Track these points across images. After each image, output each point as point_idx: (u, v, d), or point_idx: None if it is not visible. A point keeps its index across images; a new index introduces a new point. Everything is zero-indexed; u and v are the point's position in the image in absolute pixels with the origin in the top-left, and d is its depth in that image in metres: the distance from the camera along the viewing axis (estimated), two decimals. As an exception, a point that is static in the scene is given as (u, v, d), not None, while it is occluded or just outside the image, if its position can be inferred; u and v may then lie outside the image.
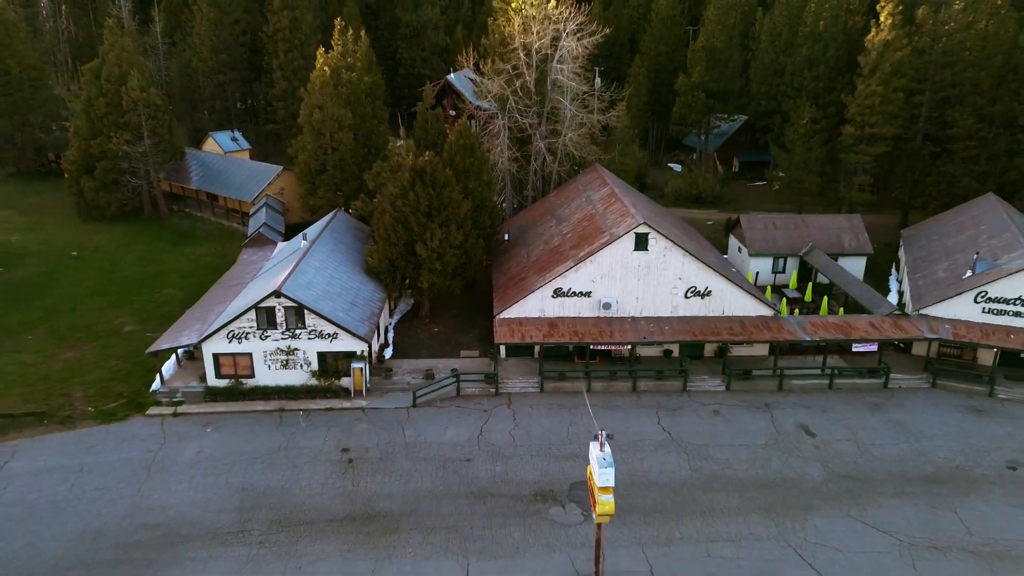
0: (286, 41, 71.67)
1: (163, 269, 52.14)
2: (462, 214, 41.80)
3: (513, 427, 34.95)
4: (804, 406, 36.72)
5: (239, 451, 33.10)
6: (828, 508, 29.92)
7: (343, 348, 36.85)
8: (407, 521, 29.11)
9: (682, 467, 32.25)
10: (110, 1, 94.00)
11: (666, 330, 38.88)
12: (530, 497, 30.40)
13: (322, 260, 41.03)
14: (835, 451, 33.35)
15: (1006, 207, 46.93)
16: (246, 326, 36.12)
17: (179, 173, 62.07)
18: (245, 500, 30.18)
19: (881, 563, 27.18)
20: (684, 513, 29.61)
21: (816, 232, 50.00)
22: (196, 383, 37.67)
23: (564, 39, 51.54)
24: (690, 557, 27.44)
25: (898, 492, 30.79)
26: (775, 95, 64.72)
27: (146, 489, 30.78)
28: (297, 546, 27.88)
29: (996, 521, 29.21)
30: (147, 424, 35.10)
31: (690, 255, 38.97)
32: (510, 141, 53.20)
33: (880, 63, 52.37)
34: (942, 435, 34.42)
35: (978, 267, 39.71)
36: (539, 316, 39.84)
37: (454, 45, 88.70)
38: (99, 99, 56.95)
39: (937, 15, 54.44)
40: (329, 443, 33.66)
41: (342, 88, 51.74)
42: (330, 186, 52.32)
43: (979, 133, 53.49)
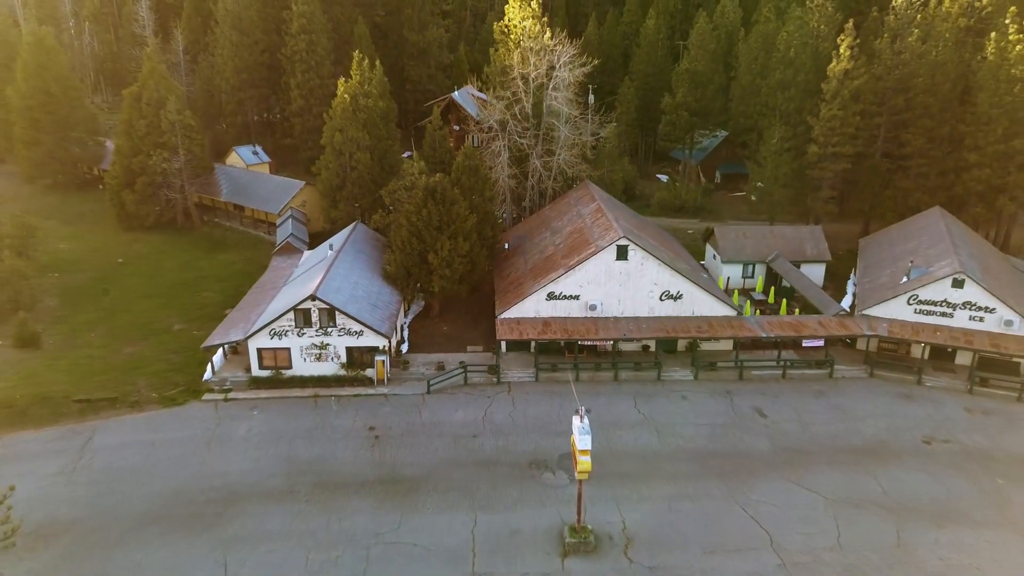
0: (303, 62, 78.50)
1: (201, 274, 58.99)
2: (468, 227, 48.61)
3: (512, 410, 41.76)
4: (760, 392, 43.54)
5: (282, 429, 39.93)
6: (771, 474, 36.71)
7: (367, 343, 43.67)
8: (425, 484, 35.89)
9: (653, 442, 39.06)
10: (133, 20, 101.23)
11: (643, 328, 45.72)
12: (526, 465, 37.20)
13: (347, 268, 47.83)
14: (782, 429, 40.17)
15: (948, 220, 53.75)
16: (286, 325, 42.95)
17: (209, 186, 68.88)
18: (291, 467, 36.99)
19: (808, 515, 33.95)
20: (652, 477, 36.38)
21: (781, 241, 56.82)
22: (241, 373, 44.49)
23: (558, 69, 58.40)
24: (655, 511, 34.19)
25: (830, 461, 37.58)
26: (752, 114, 71.45)
27: (209, 459, 37.60)
28: (336, 503, 34.66)
29: (907, 484, 35.98)
30: (203, 407, 41.96)
31: (664, 264, 45.79)
32: (509, 159, 60.01)
33: (840, 90, 59.18)
34: (873, 416, 41.24)
35: (913, 273, 46.53)
36: (535, 316, 46.66)
37: (457, 62, 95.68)
38: (140, 121, 63.80)
39: (893, 45, 61.22)
40: (358, 423, 40.49)
41: (360, 113, 58.55)
42: (349, 200, 59.15)
43: (929, 152, 60.31)
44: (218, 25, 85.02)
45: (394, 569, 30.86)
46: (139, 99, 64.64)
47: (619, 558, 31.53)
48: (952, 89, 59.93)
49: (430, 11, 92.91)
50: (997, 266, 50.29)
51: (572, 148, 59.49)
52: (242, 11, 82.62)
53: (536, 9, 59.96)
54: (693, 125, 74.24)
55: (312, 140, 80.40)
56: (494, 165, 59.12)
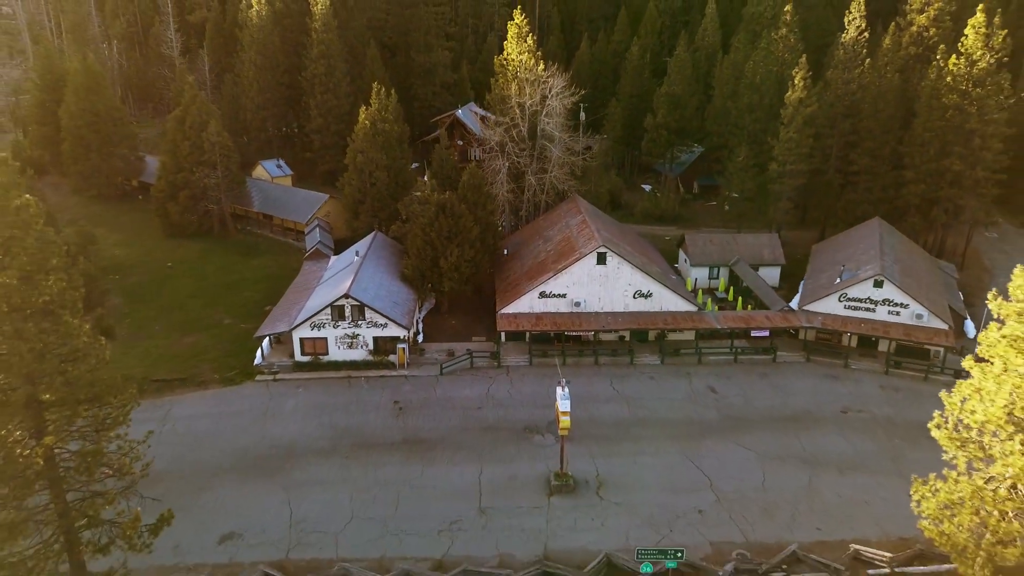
0: (322, 84, 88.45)
1: (240, 277, 68.90)
2: (473, 236, 58.53)
3: (510, 388, 51.70)
4: (714, 374, 53.47)
5: (323, 403, 49.86)
6: (716, 436, 46.63)
7: (390, 334, 53.59)
8: (441, 444, 45.81)
9: (623, 412, 49.00)
10: (162, 41, 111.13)
11: (619, 321, 55.68)
12: (521, 430, 47.13)
13: (372, 271, 57.74)
14: (728, 402, 50.11)
15: (884, 229, 63.66)
16: (323, 318, 52.86)
17: (243, 198, 78.70)
18: (333, 432, 46.92)
19: (742, 466, 43.87)
20: (621, 439, 46.29)
21: (743, 247, 66.77)
22: (286, 359, 54.39)
23: (550, 99, 68.34)
24: (623, 463, 44.08)
25: (764, 427, 47.51)
26: (724, 133, 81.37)
27: (266, 426, 47.52)
28: (371, 458, 44.57)
29: (823, 443, 45.92)
30: (257, 386, 51.91)
31: (636, 268, 55.73)
32: (508, 176, 69.91)
33: (795, 116, 69.04)
34: (804, 392, 51.20)
35: (844, 275, 56.48)
36: (529, 311, 56.57)
37: (460, 80, 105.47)
38: (184, 142, 73.70)
39: (843, 76, 71.13)
40: (384, 398, 50.43)
41: (378, 136, 68.42)
42: (369, 212, 69.01)
43: (874, 169, 70.17)
44: (243, 49, 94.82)
45: (419, 504, 40.79)
46: (183, 122, 74.45)
47: (592, 496, 41.47)
48: (893, 115, 69.73)
49: (435, 34, 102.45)
50: (920, 269, 60.22)
51: (563, 167, 69.37)
52: (266, 37, 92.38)
53: (531, 45, 69.85)
54: (672, 142, 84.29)
55: (330, 154, 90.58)
56: (494, 181, 68.97)
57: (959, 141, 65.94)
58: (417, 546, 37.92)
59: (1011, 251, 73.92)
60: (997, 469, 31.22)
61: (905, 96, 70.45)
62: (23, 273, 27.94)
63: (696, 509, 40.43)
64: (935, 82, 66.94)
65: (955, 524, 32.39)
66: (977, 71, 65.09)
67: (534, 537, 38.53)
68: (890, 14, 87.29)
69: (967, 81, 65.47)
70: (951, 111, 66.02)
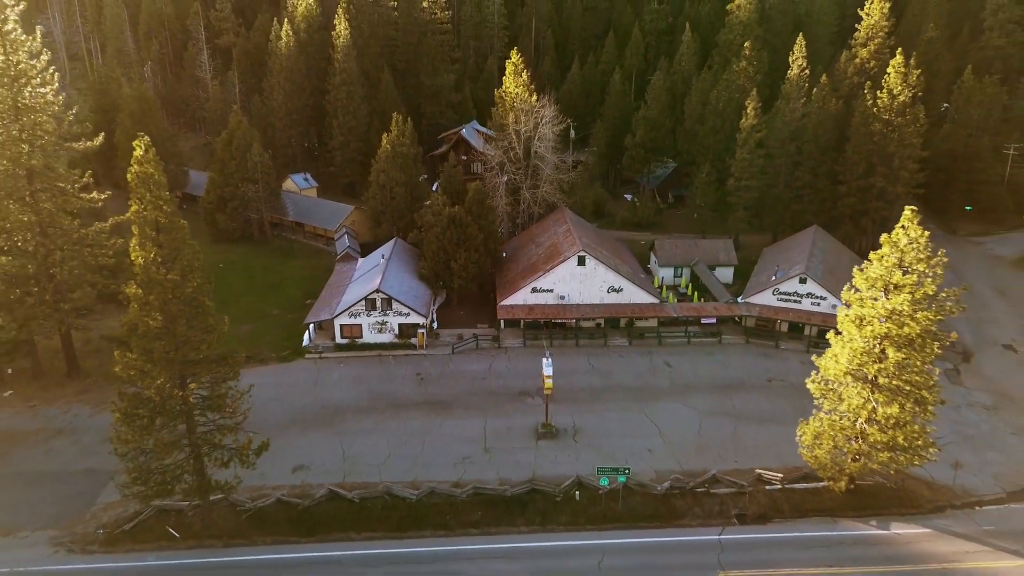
0: (343, 107, 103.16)
1: (281, 276, 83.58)
2: (477, 243, 73.14)
3: (508, 363, 66.38)
4: (670, 353, 68.15)
5: (361, 375, 64.54)
6: (667, 398, 61.28)
7: (412, 321, 68.24)
8: (454, 404, 60.44)
9: (596, 381, 63.67)
10: (196, 64, 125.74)
11: (596, 311, 70.39)
12: (516, 394, 61.80)
13: (395, 270, 72.41)
14: (680, 374, 64.80)
15: (818, 235, 78.19)
16: (358, 308, 67.52)
17: (279, 208, 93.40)
18: (371, 395, 61.58)
19: (686, 420, 58.47)
20: (594, 401, 60.93)
21: (703, 250, 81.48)
22: (328, 341, 69.06)
23: (541, 126, 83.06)
24: (594, 418, 58.65)
25: (706, 392, 62.13)
26: (692, 151, 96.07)
27: (318, 391, 62.17)
28: (401, 414, 59.21)
29: (749, 403, 60.56)
30: (307, 363, 66.58)
31: (610, 268, 70.39)
32: (506, 190, 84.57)
33: (748, 139, 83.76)
34: (740, 366, 65.89)
35: (778, 274, 71.19)
36: (524, 303, 71.21)
37: (463, 100, 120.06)
38: (231, 161, 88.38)
39: (788, 105, 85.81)
40: (408, 371, 65.10)
41: (397, 159, 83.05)
42: (390, 222, 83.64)
43: (814, 184, 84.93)
44: (271, 74, 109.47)
45: (439, 446, 55.38)
46: (229, 144, 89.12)
47: (569, 440, 56.14)
48: (830, 139, 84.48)
49: (441, 59, 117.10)
50: (844, 268, 74.62)
51: (552, 183, 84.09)
52: (293, 65, 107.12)
53: (525, 80, 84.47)
54: (648, 159, 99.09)
55: (350, 168, 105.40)
56: (495, 195, 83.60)
57: (882, 162, 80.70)
58: (439, 473, 52.51)
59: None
60: (843, 408, 46.00)
61: (839, 123, 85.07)
62: (181, 272, 42.67)
63: (647, 449, 55.09)
64: (864, 112, 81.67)
65: (820, 449, 47.14)
66: (897, 104, 79.83)
67: (525, 467, 53.16)
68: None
69: (889, 111, 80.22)
70: (876, 136, 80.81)
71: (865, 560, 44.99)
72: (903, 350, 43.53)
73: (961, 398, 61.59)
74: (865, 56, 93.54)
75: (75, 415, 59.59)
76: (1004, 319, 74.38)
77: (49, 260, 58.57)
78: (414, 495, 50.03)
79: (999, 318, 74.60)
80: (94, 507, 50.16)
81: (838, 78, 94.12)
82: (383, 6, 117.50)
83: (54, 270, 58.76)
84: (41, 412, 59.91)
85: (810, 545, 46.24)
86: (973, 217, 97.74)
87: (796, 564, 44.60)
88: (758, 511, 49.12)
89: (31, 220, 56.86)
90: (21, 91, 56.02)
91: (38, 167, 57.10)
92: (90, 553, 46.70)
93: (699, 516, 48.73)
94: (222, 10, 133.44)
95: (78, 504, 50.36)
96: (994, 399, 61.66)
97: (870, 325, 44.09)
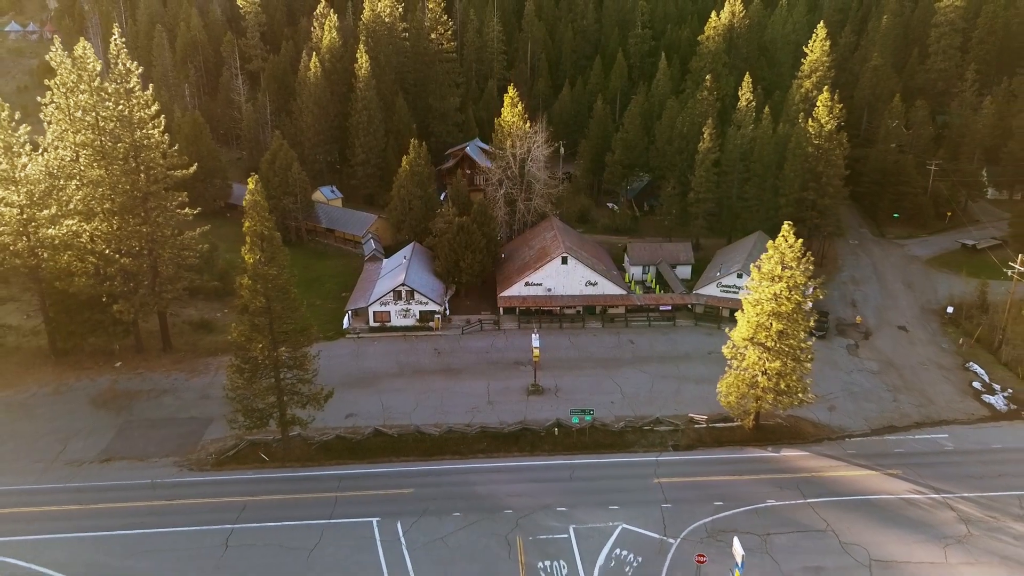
0: (364, 130, 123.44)
1: (318, 274, 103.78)
2: (481, 246, 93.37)
3: (506, 341, 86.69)
4: (634, 333, 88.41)
5: (392, 349, 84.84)
6: (628, 367, 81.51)
7: (430, 309, 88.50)
8: (464, 371, 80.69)
9: (574, 354, 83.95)
10: (231, 89, 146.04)
11: (576, 300, 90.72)
12: (512, 363, 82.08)
13: (416, 268, 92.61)
14: (640, 348, 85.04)
15: (761, 239, 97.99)
16: (388, 298, 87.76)
17: (312, 217, 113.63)
18: (399, 365, 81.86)
19: (641, 381, 78.70)
20: (571, 368, 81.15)
21: (666, 252, 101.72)
22: (363, 324, 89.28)
23: (534, 149, 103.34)
24: (571, 380, 78.84)
25: (659, 361, 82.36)
26: (662, 168, 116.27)
27: (358, 362, 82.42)
28: (423, 378, 79.45)
29: (692, 369, 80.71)
30: (348, 341, 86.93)
31: (588, 267, 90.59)
32: (504, 202, 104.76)
33: (704, 160, 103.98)
34: (688, 343, 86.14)
35: (721, 271, 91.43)
36: (519, 295, 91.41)
37: (467, 120, 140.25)
38: (274, 177, 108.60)
39: (740, 131, 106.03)
40: (428, 347, 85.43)
41: (415, 176, 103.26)
42: (408, 229, 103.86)
43: (760, 196, 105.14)
44: (300, 99, 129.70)
45: (454, 400, 75.51)
46: (272, 163, 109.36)
47: (552, 396, 76.32)
48: (772, 159, 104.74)
49: (447, 84, 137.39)
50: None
51: (543, 196, 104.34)
52: (319, 92, 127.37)
53: (520, 111, 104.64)
54: (626, 174, 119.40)
55: (370, 182, 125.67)
56: (495, 205, 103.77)
57: (813, 179, 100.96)
58: (455, 418, 72.55)
59: (860, 252, 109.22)
60: (745, 364, 66.19)
61: (780, 146, 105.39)
62: (277, 268, 62.85)
63: (610, 401, 75.22)
64: (798, 137, 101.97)
65: (731, 396, 67.30)
66: (824, 131, 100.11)
67: (518, 413, 73.23)
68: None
69: (818, 137, 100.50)
70: (808, 158, 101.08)
71: (759, 471, 65.15)
72: (782, 322, 63.67)
73: (855, 366, 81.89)
74: (808, 87, 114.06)
75: (174, 379, 79.86)
76: (905, 307, 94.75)
77: (156, 261, 78.80)
78: (436, 431, 70.34)
79: (901, 306, 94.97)
80: (202, 442, 70.29)
81: (788, 103, 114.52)
82: (397, 38, 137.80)
83: (161, 268, 78.98)
84: (148, 377, 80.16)
85: (721, 463, 66.45)
86: (901, 223, 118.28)
87: (708, 474, 64.82)
88: (688, 443, 69.32)
89: (145, 231, 77.01)
90: (140, 134, 76.20)
91: (151, 191, 77.22)
92: (205, 471, 66.80)
93: (644, 445, 68.91)
94: (252, 39, 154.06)
95: (190, 440, 70.50)
96: (880, 366, 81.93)
97: (760, 305, 64.27)
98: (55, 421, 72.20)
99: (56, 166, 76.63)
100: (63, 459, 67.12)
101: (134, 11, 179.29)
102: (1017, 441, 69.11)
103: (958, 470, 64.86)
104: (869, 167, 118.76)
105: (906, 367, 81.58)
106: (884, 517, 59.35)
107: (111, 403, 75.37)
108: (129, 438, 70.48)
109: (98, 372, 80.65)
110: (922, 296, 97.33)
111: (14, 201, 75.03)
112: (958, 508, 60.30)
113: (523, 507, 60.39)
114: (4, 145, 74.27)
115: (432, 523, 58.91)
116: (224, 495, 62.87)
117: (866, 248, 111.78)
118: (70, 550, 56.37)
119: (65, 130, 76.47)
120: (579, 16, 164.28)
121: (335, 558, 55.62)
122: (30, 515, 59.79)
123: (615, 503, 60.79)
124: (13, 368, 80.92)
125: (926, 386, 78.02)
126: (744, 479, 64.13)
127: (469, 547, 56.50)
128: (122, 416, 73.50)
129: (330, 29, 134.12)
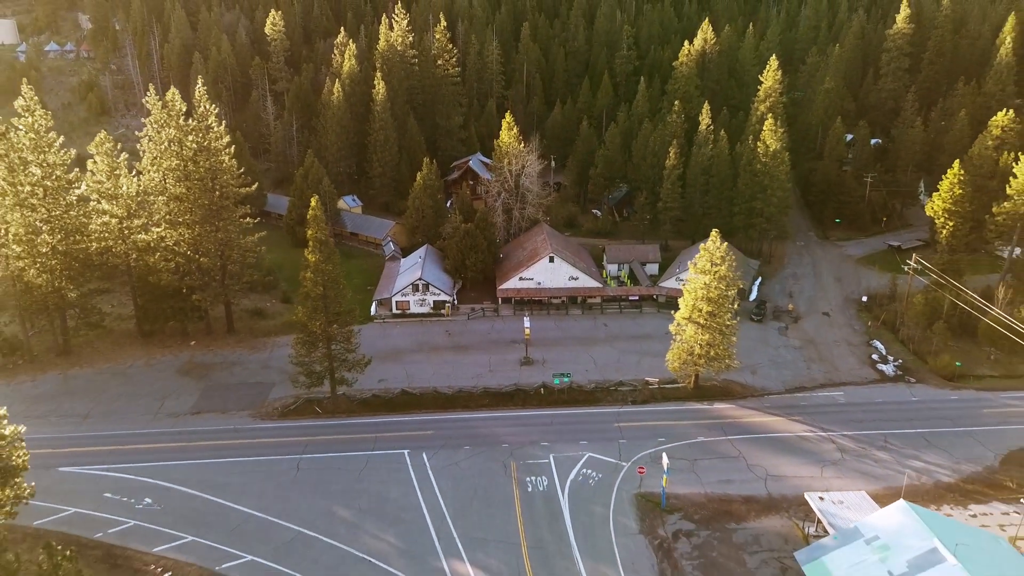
0: (380, 147, 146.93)
1: (345, 271, 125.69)
2: (483, 248, 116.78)
3: (504, 325, 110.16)
4: (608, 319, 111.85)
5: (412, 331, 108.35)
6: (602, 344, 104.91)
7: (442, 299, 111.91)
8: (471, 347, 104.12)
9: (558, 334, 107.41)
10: (260, 108, 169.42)
11: (561, 292, 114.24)
12: (509, 341, 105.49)
13: (429, 266, 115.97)
14: (612, 329, 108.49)
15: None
16: (408, 290, 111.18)
17: (339, 222, 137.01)
18: (419, 343, 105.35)
19: (611, 355, 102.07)
20: (555, 345, 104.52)
21: (638, 252, 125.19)
22: (387, 312, 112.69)
23: (527, 165, 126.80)
24: (555, 353, 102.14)
25: (626, 340, 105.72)
26: (637, 180, 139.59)
27: (385, 340, 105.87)
28: (438, 353, 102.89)
29: (653, 346, 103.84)
30: (375, 325, 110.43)
31: (571, 265, 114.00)
32: (502, 210, 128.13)
33: (670, 175, 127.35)
34: (651, 326, 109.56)
35: (680, 267, 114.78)
36: (514, 288, 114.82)
37: (470, 136, 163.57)
38: (308, 190, 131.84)
39: (701, 150, 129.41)
40: (441, 330, 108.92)
41: (427, 189, 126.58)
42: (421, 233, 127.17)
43: (718, 206, 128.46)
44: (323, 119, 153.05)
45: (463, 369, 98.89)
46: (306, 177, 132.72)
47: (540, 366, 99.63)
48: (728, 174, 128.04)
49: (452, 104, 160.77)
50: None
51: (535, 206, 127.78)
52: (341, 113, 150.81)
53: (516, 133, 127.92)
54: (607, 185, 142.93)
55: (385, 191, 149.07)
56: (494, 213, 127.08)
57: (759, 191, 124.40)
58: (463, 382, 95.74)
59: (804, 252, 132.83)
60: (685, 337, 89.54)
61: (734, 163, 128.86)
62: (332, 264, 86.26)
63: (585, 369, 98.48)
64: (748, 156, 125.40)
65: (676, 363, 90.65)
66: (770, 151, 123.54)
67: (513, 379, 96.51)
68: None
69: (765, 156, 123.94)
70: (756, 173, 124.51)
71: (694, 418, 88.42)
72: (711, 305, 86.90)
73: (782, 343, 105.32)
74: (763, 110, 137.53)
75: (239, 355, 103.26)
76: (831, 296, 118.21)
77: (226, 260, 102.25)
78: (449, 391, 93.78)
79: (829, 296, 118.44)
80: (268, 400, 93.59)
81: (748, 124, 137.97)
82: (408, 63, 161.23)
83: (229, 266, 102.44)
84: (218, 352, 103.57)
85: (667, 413, 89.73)
86: (843, 227, 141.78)
87: (656, 420, 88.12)
88: (643, 399, 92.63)
89: (218, 237, 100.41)
90: (215, 160, 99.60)
91: (223, 205, 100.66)
92: (272, 420, 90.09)
93: (609, 401, 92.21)
94: (277, 62, 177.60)
95: (258, 399, 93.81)
96: (803, 343, 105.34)
97: (694, 292, 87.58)
98: (152, 385, 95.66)
99: (149, 186, 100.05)
100: (163, 412, 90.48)
101: (166, 33, 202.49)
102: (895, 397, 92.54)
103: (845, 416, 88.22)
104: (817, 179, 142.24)
105: (823, 344, 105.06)
106: (782, 448, 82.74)
107: (192, 372, 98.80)
108: (211, 397, 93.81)
109: (178, 349, 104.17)
110: (847, 288, 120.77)
111: (116, 213, 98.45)
112: (838, 442, 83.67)
113: (516, 442, 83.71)
114: (109, 168, 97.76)
115: (448, 453, 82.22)
116: (290, 436, 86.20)
117: (810, 249, 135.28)
118: (185, 472, 79.64)
119: (156, 157, 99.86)
120: (571, 37, 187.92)
121: (379, 474, 78.98)
122: (149, 450, 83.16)
123: (585, 439, 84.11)
124: (110, 346, 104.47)
125: (835, 358, 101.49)
126: (683, 423, 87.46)
127: (476, 468, 79.77)
128: (203, 381, 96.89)
129: (350, 57, 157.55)
